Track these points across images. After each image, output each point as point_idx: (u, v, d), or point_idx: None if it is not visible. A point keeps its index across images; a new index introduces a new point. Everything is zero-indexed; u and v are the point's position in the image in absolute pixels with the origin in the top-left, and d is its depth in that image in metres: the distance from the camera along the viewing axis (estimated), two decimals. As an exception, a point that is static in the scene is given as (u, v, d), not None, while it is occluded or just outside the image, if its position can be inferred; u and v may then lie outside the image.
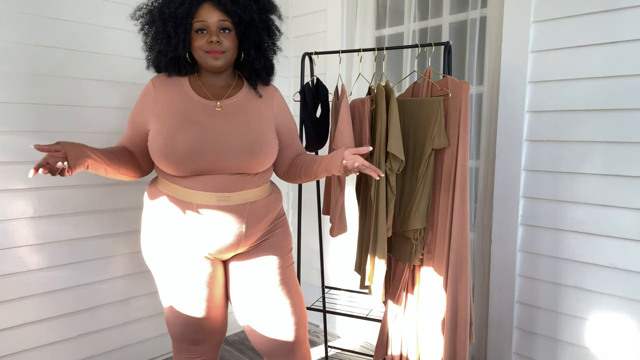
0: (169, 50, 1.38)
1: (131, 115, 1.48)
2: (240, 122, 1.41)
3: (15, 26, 1.75)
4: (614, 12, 1.61)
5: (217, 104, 1.41)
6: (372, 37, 2.49)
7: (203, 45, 1.37)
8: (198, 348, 1.53)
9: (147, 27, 1.43)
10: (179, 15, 1.34)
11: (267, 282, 1.47)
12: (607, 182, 1.67)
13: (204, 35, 1.37)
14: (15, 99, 1.78)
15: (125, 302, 2.16)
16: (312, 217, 2.63)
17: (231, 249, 1.43)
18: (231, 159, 1.36)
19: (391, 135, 1.64)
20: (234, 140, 1.37)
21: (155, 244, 1.45)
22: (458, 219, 1.60)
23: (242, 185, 1.40)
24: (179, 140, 1.33)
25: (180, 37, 1.36)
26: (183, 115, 1.37)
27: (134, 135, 1.45)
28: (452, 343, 1.65)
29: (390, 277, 1.85)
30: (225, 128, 1.38)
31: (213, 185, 1.36)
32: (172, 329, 1.51)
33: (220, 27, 1.37)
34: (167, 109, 1.39)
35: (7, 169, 1.78)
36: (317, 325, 2.80)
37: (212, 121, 1.38)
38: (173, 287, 1.45)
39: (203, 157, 1.33)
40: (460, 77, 2.13)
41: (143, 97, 1.45)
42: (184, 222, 1.39)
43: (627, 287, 1.65)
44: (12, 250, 1.81)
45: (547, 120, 1.79)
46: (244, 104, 1.46)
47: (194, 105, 1.40)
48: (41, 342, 1.92)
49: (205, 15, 1.36)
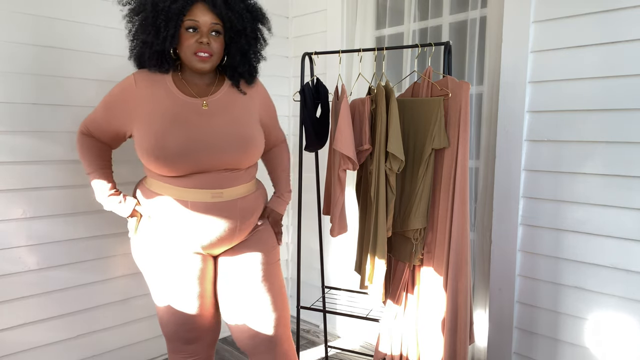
0: (155, 43, 1.37)
1: (105, 111, 1.47)
2: (227, 119, 1.42)
3: (15, 26, 1.75)
4: (614, 12, 1.61)
5: (204, 103, 1.42)
6: (372, 37, 2.48)
7: (192, 45, 1.36)
8: (192, 347, 1.53)
9: (135, 16, 1.41)
10: (172, 10, 1.33)
11: (250, 278, 1.49)
12: (607, 182, 1.67)
13: (193, 35, 1.36)
14: (15, 99, 1.78)
15: (125, 302, 2.16)
16: (312, 217, 2.63)
17: (225, 243, 1.46)
18: (222, 156, 1.38)
19: (391, 135, 1.64)
20: (224, 138, 1.38)
21: (149, 243, 1.46)
22: (458, 219, 1.60)
23: (233, 181, 1.43)
24: (169, 141, 1.33)
25: (169, 31, 1.34)
26: (170, 115, 1.37)
27: (108, 133, 1.48)
28: (452, 343, 1.65)
29: (390, 277, 1.85)
30: (214, 126, 1.39)
31: (206, 182, 1.38)
32: (165, 329, 1.51)
33: (212, 30, 1.38)
34: (152, 109, 1.38)
35: (7, 168, 1.78)
36: (317, 325, 2.80)
37: (200, 120, 1.39)
38: (166, 285, 1.46)
39: (194, 156, 1.34)
40: (460, 77, 2.13)
41: (122, 94, 1.43)
42: (178, 220, 1.40)
43: (627, 287, 1.65)
44: (12, 250, 1.81)
45: (547, 120, 1.79)
46: (229, 101, 1.47)
47: (180, 104, 1.39)
48: (41, 342, 1.91)
49: (199, 15, 1.35)
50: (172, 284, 1.45)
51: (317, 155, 2.12)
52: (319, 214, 2.19)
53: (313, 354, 2.46)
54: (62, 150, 1.90)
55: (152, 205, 1.44)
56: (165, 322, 1.50)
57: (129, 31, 1.45)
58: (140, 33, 1.40)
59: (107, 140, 1.52)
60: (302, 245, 2.17)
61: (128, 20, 1.44)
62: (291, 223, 2.91)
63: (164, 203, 1.41)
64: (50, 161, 1.88)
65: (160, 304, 1.49)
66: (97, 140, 1.53)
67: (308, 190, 2.60)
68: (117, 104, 1.44)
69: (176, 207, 1.39)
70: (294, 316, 2.92)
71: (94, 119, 1.51)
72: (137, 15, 1.40)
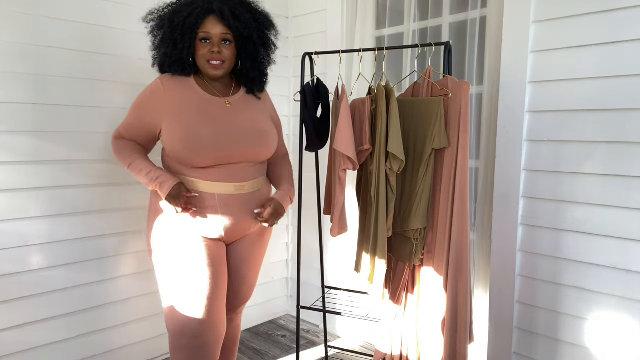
0: (174, 54, 1.55)
1: (136, 111, 1.59)
2: (248, 115, 1.61)
3: (15, 26, 1.76)
4: (614, 12, 1.61)
5: (227, 101, 1.60)
6: (372, 37, 2.49)
7: (205, 54, 1.54)
8: (199, 342, 1.53)
9: (157, 30, 1.59)
10: (186, 25, 1.51)
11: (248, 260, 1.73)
12: (608, 182, 1.67)
13: (206, 45, 1.54)
14: (15, 99, 1.78)
15: (125, 302, 2.16)
16: (312, 217, 2.63)
17: (246, 229, 1.65)
18: (246, 147, 1.56)
19: (391, 135, 1.64)
20: (246, 132, 1.57)
21: (171, 231, 1.55)
22: (458, 219, 1.60)
23: (252, 174, 1.62)
24: (201, 131, 1.49)
25: (185, 43, 1.52)
26: (199, 109, 1.53)
27: (141, 132, 1.60)
28: (452, 343, 1.65)
29: (390, 277, 1.85)
30: (238, 121, 1.57)
31: (230, 175, 1.55)
32: (175, 322, 1.52)
33: (222, 39, 1.55)
34: (181, 105, 1.53)
35: (7, 168, 1.78)
36: (317, 325, 2.80)
37: (226, 115, 1.56)
38: (182, 265, 1.53)
39: (221, 147, 1.51)
40: (460, 77, 2.13)
41: (151, 94, 1.57)
42: (206, 211, 1.54)
43: (627, 287, 1.65)
44: (12, 250, 1.81)
45: (547, 120, 1.79)
46: (247, 101, 1.67)
47: (206, 101, 1.56)
48: (41, 342, 1.92)
49: (210, 27, 1.52)
50: (188, 264, 1.53)
51: (317, 155, 2.12)
52: (319, 214, 2.19)
53: (313, 354, 2.46)
54: (63, 151, 1.90)
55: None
56: (176, 315, 1.52)
57: (152, 44, 1.62)
58: (161, 45, 1.57)
59: (141, 141, 1.63)
60: (302, 245, 2.18)
61: (151, 35, 1.62)
62: (291, 223, 2.91)
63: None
64: (51, 161, 1.88)
65: (172, 292, 1.53)
66: (132, 141, 1.64)
67: (308, 190, 2.61)
68: (148, 103, 1.57)
69: (203, 199, 1.53)
70: (294, 316, 2.92)
71: (126, 124, 1.63)
72: (159, 30, 1.58)
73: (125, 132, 1.62)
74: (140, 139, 1.62)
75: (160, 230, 1.57)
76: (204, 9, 1.51)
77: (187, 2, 1.54)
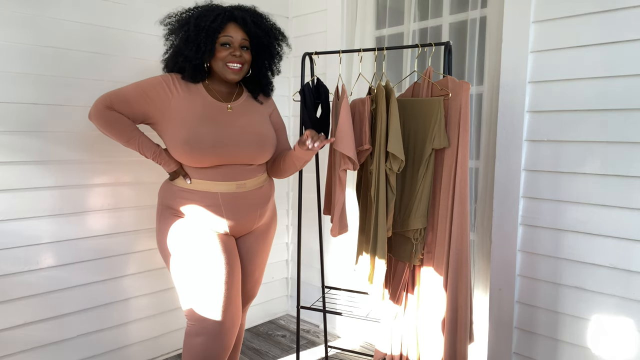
0: (196, 57, 1.58)
1: (140, 94, 1.58)
2: (248, 120, 1.67)
3: (16, 26, 1.76)
4: (614, 12, 1.61)
5: (228, 106, 1.66)
6: (372, 37, 2.49)
7: (226, 57, 1.60)
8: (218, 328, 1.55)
9: (179, 32, 1.62)
10: (211, 28, 1.57)
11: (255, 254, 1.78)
12: (607, 182, 1.67)
13: (227, 49, 1.60)
14: (15, 99, 1.78)
15: (126, 302, 2.16)
16: (312, 217, 2.63)
17: (251, 225, 1.71)
18: (244, 149, 1.61)
19: (391, 135, 1.64)
20: (245, 135, 1.62)
21: (181, 227, 1.61)
22: (458, 219, 1.60)
23: (252, 173, 1.67)
24: (203, 133, 1.55)
25: (208, 46, 1.58)
26: (202, 113, 1.59)
27: (134, 112, 1.59)
28: (452, 343, 1.65)
29: (390, 277, 1.85)
30: (237, 125, 1.63)
31: (231, 175, 1.61)
32: (196, 308, 1.56)
33: (241, 45, 1.63)
34: (187, 107, 1.59)
35: (7, 168, 1.78)
36: (317, 325, 2.80)
37: (227, 119, 1.62)
38: (197, 257, 1.58)
39: (221, 149, 1.57)
40: (460, 77, 2.13)
41: (161, 88, 1.59)
42: (210, 209, 1.60)
43: (627, 287, 1.65)
44: (12, 250, 1.81)
45: (547, 120, 1.79)
46: (248, 106, 1.72)
47: (209, 105, 1.63)
48: (41, 342, 1.92)
49: (232, 32, 1.60)
50: (204, 251, 1.58)
51: (317, 155, 2.13)
52: (319, 214, 2.19)
53: (313, 354, 2.46)
54: (64, 150, 1.90)
55: (183, 197, 1.61)
56: (197, 300, 1.56)
57: (170, 47, 1.66)
58: (183, 49, 1.60)
59: (131, 117, 1.61)
60: (302, 245, 2.18)
61: (167, 39, 1.67)
62: (291, 223, 2.91)
63: (194, 195, 1.60)
64: (51, 161, 1.88)
65: (191, 280, 1.57)
66: (122, 115, 1.60)
67: (308, 190, 2.61)
68: (156, 93, 1.58)
69: (207, 196, 1.60)
70: (294, 316, 2.92)
71: (121, 96, 1.58)
72: (179, 32, 1.61)
73: (117, 104, 1.57)
74: (130, 115, 1.60)
75: (174, 231, 1.62)
76: (226, 15, 1.60)
77: (210, 8, 1.61)
